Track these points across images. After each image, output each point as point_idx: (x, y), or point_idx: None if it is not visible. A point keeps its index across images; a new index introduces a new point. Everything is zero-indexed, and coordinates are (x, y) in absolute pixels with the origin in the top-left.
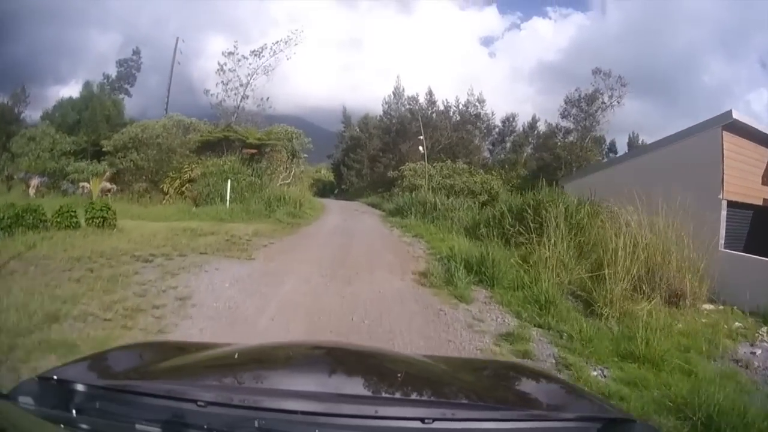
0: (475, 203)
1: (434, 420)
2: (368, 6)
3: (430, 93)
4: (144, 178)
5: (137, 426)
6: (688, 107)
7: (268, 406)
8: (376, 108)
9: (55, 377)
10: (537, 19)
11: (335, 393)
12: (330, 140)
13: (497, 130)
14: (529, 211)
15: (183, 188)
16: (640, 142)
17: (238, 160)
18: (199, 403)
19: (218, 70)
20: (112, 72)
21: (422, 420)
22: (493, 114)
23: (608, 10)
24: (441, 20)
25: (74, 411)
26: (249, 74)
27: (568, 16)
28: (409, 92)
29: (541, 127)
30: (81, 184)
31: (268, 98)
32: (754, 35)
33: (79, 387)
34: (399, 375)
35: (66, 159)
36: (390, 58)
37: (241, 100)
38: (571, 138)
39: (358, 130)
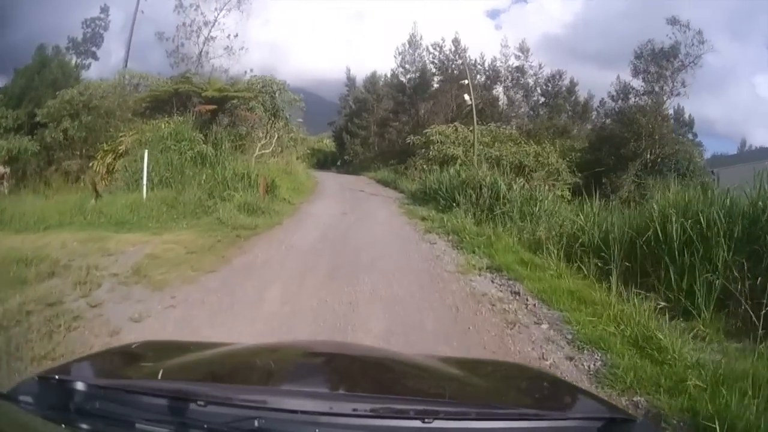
0: (542, 187)
1: (434, 419)
2: None
3: (457, 41)
4: (77, 153)
5: (137, 425)
6: (691, 86)
7: (268, 406)
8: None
9: (55, 377)
10: None
11: (335, 392)
12: (336, 112)
13: (539, 90)
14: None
15: (117, 165)
16: None
17: (188, 121)
18: (199, 402)
19: (176, 6)
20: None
21: (422, 419)
22: (541, 67)
23: None
24: None
25: (74, 410)
26: (216, 8)
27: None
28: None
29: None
30: None
31: (236, 35)
32: (760, 17)
33: (79, 386)
34: (399, 374)
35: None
36: (392, 29)
37: (204, 44)
38: (642, 102)
39: (363, 90)
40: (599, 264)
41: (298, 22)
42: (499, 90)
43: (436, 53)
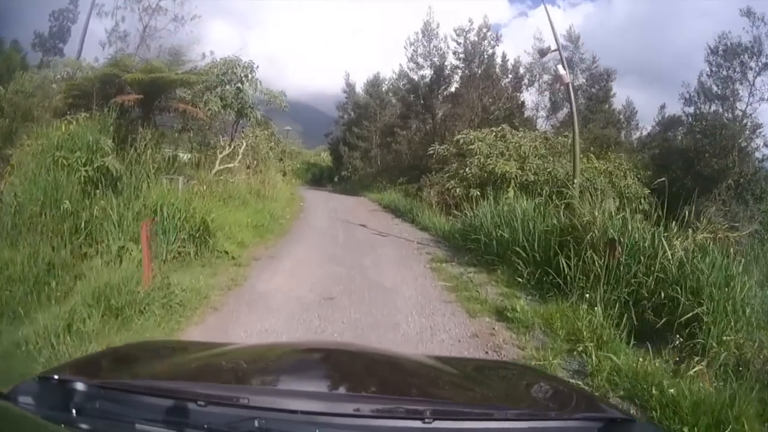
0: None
1: (434, 419)
2: None
3: (486, 26)
4: None
5: (137, 426)
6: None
7: (268, 406)
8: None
9: (55, 377)
10: (547, 6)
11: (335, 393)
12: (334, 123)
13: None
14: None
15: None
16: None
17: (101, 119)
18: (199, 402)
19: None
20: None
21: (422, 419)
22: (595, 60)
23: (614, 1)
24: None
25: (74, 411)
26: None
27: (576, 5)
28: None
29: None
30: None
31: None
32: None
33: (79, 387)
34: (399, 374)
35: None
36: (393, 42)
37: (151, 16)
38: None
39: (365, 94)
40: None
41: (297, 35)
42: (524, 93)
43: (461, 41)
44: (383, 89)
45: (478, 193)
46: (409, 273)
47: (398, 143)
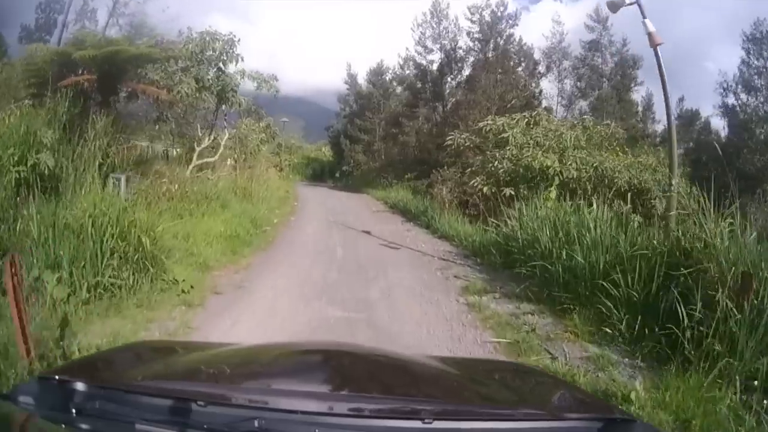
0: None
1: (434, 419)
2: None
3: (503, 3)
4: None
5: (137, 426)
6: (690, 94)
7: (268, 406)
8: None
9: (55, 377)
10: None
11: (335, 393)
12: (335, 116)
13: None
14: None
15: None
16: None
17: (51, 107)
18: (199, 402)
19: None
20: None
21: (422, 419)
22: (626, 43)
23: None
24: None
25: (74, 411)
26: None
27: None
28: None
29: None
30: None
31: None
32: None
33: (79, 387)
34: (399, 374)
35: None
36: (396, 36)
37: None
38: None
39: (367, 83)
40: None
41: (297, 29)
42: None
43: (476, 19)
44: (387, 78)
45: (512, 192)
46: (437, 315)
47: (405, 134)
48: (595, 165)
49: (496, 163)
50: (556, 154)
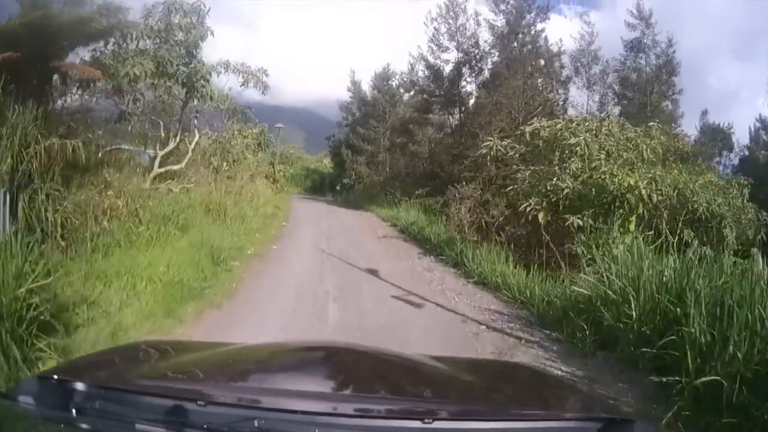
0: None
1: (434, 419)
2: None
3: None
4: None
5: (137, 426)
6: (693, 108)
7: (269, 406)
8: None
9: (55, 377)
10: (553, 15)
11: (335, 393)
12: (336, 127)
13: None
14: None
15: None
16: None
17: None
18: (199, 402)
19: None
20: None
21: (422, 420)
22: (672, 44)
23: (618, 8)
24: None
25: (74, 411)
26: None
27: (582, 13)
28: None
29: None
30: None
31: None
32: (765, 39)
33: (79, 387)
34: (399, 375)
35: None
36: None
37: None
38: None
39: (372, 90)
40: None
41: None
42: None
43: (503, 8)
44: (394, 84)
45: (579, 221)
46: None
47: (415, 143)
48: (679, 186)
49: (556, 180)
50: (635, 172)
